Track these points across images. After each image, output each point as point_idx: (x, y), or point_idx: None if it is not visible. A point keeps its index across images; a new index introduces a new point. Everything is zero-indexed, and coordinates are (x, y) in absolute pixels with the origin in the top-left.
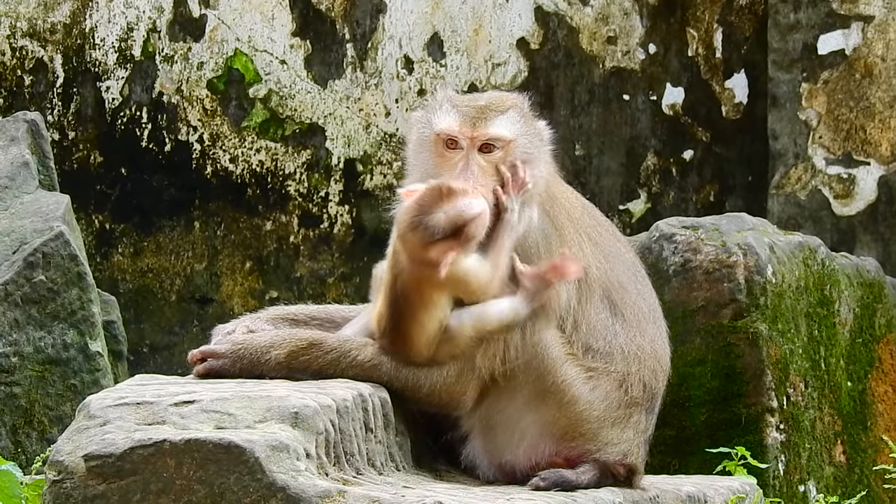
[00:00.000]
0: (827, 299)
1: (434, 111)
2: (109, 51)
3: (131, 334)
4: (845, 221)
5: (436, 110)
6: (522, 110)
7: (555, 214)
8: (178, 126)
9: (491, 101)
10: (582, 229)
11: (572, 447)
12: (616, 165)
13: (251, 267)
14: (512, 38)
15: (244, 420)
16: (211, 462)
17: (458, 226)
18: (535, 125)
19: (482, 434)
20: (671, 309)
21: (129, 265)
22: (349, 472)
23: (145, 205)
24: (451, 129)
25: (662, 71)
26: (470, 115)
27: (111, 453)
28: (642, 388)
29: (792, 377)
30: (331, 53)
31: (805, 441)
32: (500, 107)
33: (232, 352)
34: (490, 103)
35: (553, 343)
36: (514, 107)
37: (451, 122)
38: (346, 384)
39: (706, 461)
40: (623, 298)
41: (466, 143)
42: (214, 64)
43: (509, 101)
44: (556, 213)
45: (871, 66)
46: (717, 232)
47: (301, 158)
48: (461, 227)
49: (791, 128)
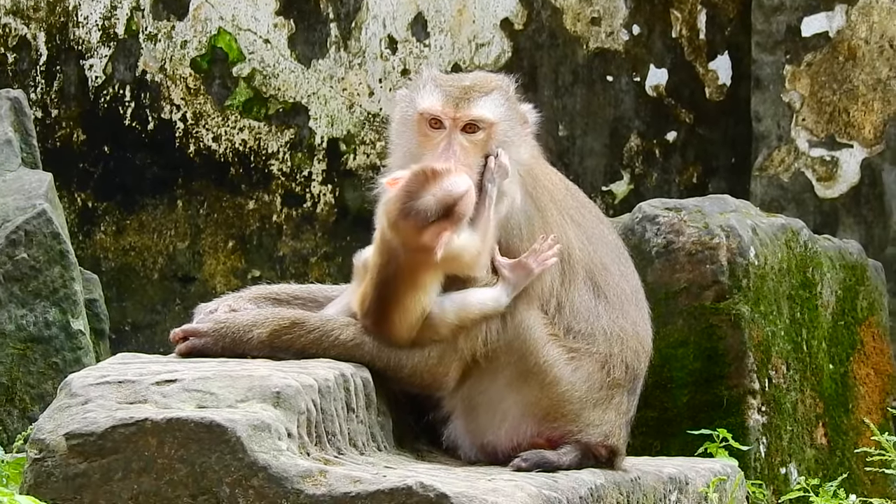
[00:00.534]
0: (809, 282)
1: (418, 91)
2: (93, 29)
3: (113, 313)
4: (828, 204)
5: (420, 90)
6: (507, 92)
7: (537, 196)
8: (162, 104)
9: (475, 81)
10: (565, 211)
11: (554, 428)
12: (599, 146)
13: (234, 246)
14: (496, 19)
15: (226, 399)
16: (192, 441)
17: (449, 205)
18: (518, 108)
19: (464, 415)
20: (654, 290)
21: (111, 243)
22: (330, 451)
23: (128, 183)
24: (434, 108)
25: (646, 52)
26: (453, 95)
27: (93, 432)
28: (624, 370)
29: (774, 359)
30: (314, 33)
31: (787, 423)
32: (485, 88)
33: (214, 330)
34: (474, 84)
35: (535, 324)
36: (499, 88)
37: (434, 101)
38: (328, 364)
39: (688, 443)
40: (606, 280)
41: (449, 123)
42: (198, 42)
43: (494, 83)
44: (538, 194)
45: (854, 48)
46: (699, 214)
47: (284, 138)
48: (451, 207)
49: (774, 110)
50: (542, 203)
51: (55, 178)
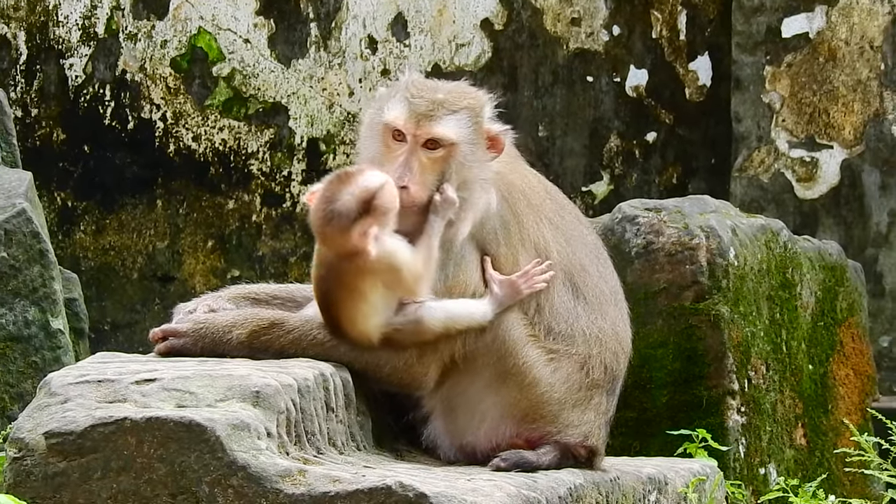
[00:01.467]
0: (789, 282)
1: (388, 99)
2: (73, 28)
3: (93, 312)
4: (808, 205)
5: (390, 98)
6: (476, 112)
7: (514, 201)
8: (142, 104)
9: (447, 97)
10: (542, 214)
11: (533, 429)
12: (579, 147)
13: (213, 245)
14: (476, 19)
15: (205, 399)
16: (172, 440)
17: (367, 199)
18: (489, 127)
19: (443, 415)
20: (633, 291)
21: (91, 243)
22: (310, 451)
23: (108, 182)
24: (397, 122)
25: (626, 53)
26: (419, 109)
27: (72, 431)
28: (603, 371)
29: (753, 360)
30: (294, 33)
31: (766, 424)
32: (454, 105)
33: (194, 331)
34: (445, 100)
35: (515, 325)
36: (470, 108)
37: (398, 114)
38: (307, 363)
39: (667, 443)
40: (585, 281)
41: (411, 138)
42: (178, 42)
43: (465, 101)
44: (514, 199)
45: (834, 49)
46: (679, 214)
47: (264, 137)
48: (369, 201)
49: (754, 111)
50: (518, 208)
51: (35, 177)
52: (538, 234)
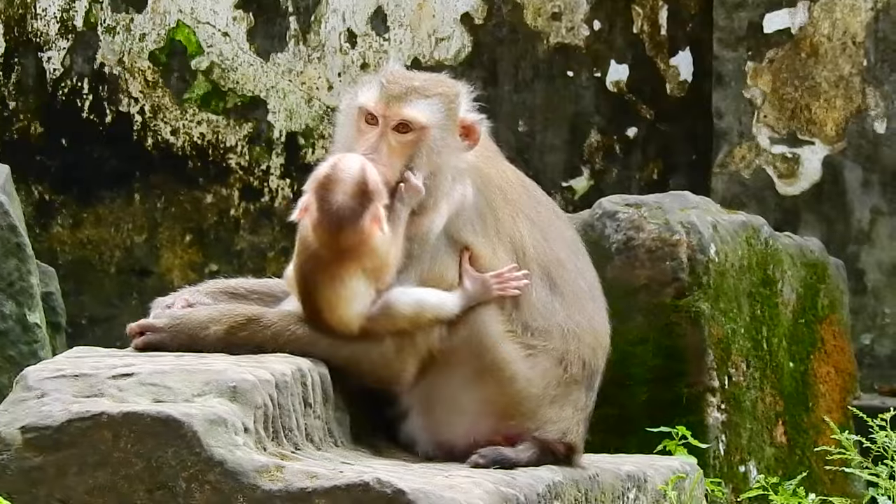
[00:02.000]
0: (770, 279)
1: (365, 84)
2: (51, 21)
3: (70, 306)
4: (789, 201)
5: (366, 84)
6: (451, 99)
7: (490, 195)
8: (120, 97)
9: (424, 83)
10: (519, 209)
11: (511, 425)
12: (559, 142)
13: (191, 240)
14: (456, 13)
15: (182, 393)
16: (149, 435)
17: (362, 190)
18: (462, 118)
19: (421, 411)
20: (613, 287)
21: (68, 236)
22: (287, 447)
23: (85, 176)
24: (368, 103)
25: (607, 48)
26: (392, 92)
27: (48, 425)
28: (581, 366)
29: (734, 357)
30: (274, 26)
31: (746, 421)
32: (428, 91)
33: (171, 326)
34: (420, 85)
35: (491, 320)
36: (444, 95)
37: (370, 96)
38: (285, 359)
39: (646, 440)
40: (562, 276)
41: (381, 120)
42: (157, 35)
43: (441, 88)
44: (491, 193)
45: (816, 45)
46: (659, 210)
47: (243, 131)
48: (364, 189)
49: (736, 106)
50: (494, 202)
51: (12, 170)
52: (514, 228)
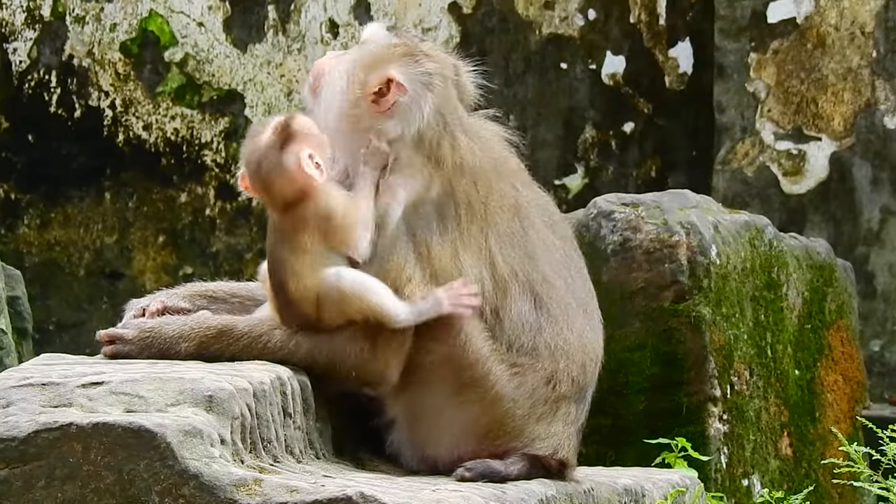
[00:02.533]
0: (774, 282)
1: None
2: (17, 10)
3: (37, 311)
4: (795, 200)
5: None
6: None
7: (461, 194)
8: (89, 91)
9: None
10: (495, 222)
11: (497, 445)
12: (552, 138)
13: (165, 241)
14: (443, 2)
15: (155, 403)
16: (120, 447)
17: (283, 129)
18: (454, 80)
19: (406, 424)
20: (609, 290)
21: (35, 237)
22: (266, 459)
23: (53, 174)
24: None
25: (602, 38)
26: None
27: (14, 437)
28: (571, 383)
29: (736, 364)
30: (251, 16)
31: (749, 432)
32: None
33: (140, 339)
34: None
35: (475, 336)
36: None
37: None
38: (263, 367)
39: (644, 452)
40: (548, 293)
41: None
42: (128, 25)
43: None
44: (465, 191)
45: (823, 35)
46: (658, 210)
47: (219, 126)
48: (287, 129)
49: (738, 100)
50: (463, 204)
51: None
52: (482, 241)
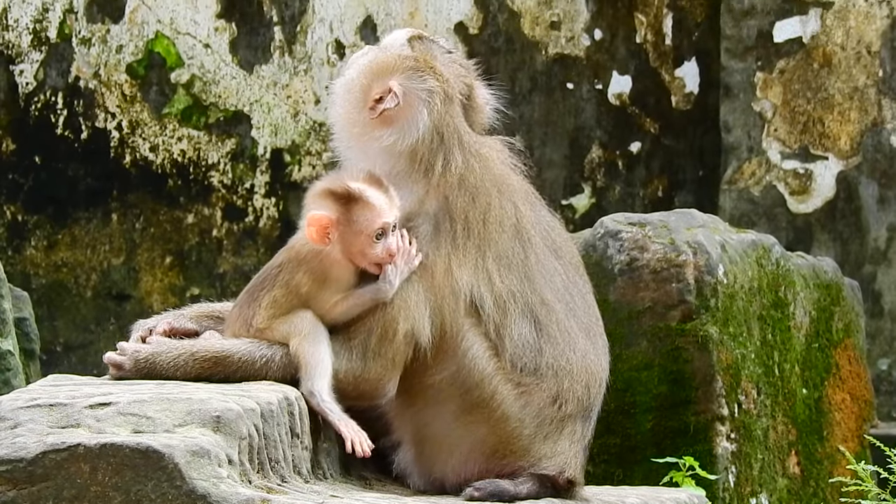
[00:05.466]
0: (781, 301)
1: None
2: (23, 32)
3: (44, 332)
4: (801, 219)
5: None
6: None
7: (458, 210)
8: (96, 112)
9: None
10: (493, 236)
11: (504, 465)
12: (559, 158)
13: (172, 262)
14: (449, 22)
15: (163, 424)
16: (128, 468)
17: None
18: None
19: (413, 444)
20: (616, 310)
21: (42, 259)
22: (273, 479)
23: (60, 195)
24: None
25: (609, 58)
26: None
27: (22, 458)
28: (576, 403)
29: (744, 383)
30: (257, 37)
31: (757, 451)
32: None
33: (136, 370)
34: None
35: (480, 357)
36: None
37: None
38: (271, 386)
39: (652, 471)
40: (547, 315)
41: None
42: (134, 47)
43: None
44: (462, 208)
45: (829, 54)
46: (665, 229)
47: (225, 148)
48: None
49: (745, 119)
50: (468, 225)
51: None
52: (478, 256)
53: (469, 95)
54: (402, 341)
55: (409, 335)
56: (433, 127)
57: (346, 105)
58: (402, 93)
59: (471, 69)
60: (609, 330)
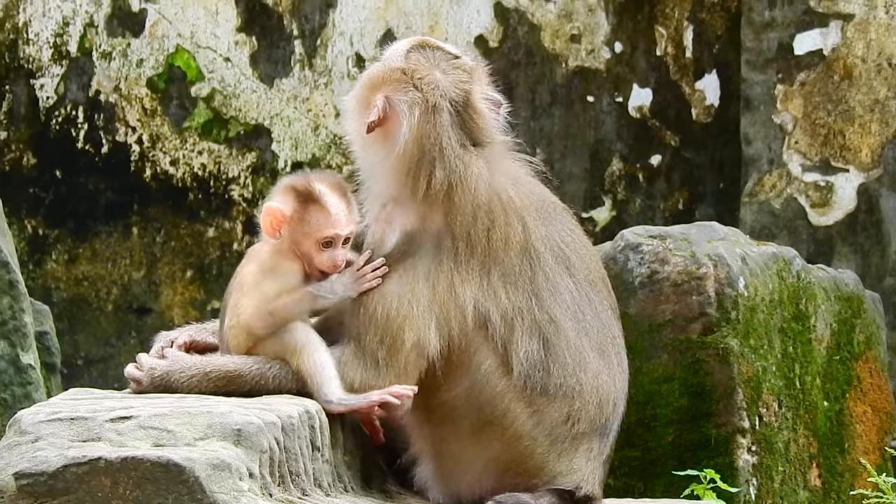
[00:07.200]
0: (802, 314)
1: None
2: (44, 46)
3: (65, 346)
4: (822, 231)
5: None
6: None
7: (459, 227)
8: (116, 126)
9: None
10: (498, 253)
11: (518, 482)
12: (579, 171)
13: (192, 276)
14: (470, 36)
15: (184, 437)
16: (148, 481)
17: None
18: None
19: (431, 459)
20: (637, 323)
21: (63, 273)
22: (294, 492)
23: (81, 209)
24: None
25: (629, 71)
26: None
27: (43, 471)
28: (589, 422)
29: (765, 396)
30: (278, 50)
31: (778, 464)
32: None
33: (153, 386)
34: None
35: (492, 375)
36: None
37: None
38: (291, 400)
39: (673, 484)
40: (556, 334)
41: None
42: (155, 61)
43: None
44: (463, 225)
45: (850, 67)
46: (685, 242)
47: (246, 161)
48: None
49: (765, 132)
50: (470, 242)
51: (4, 203)
52: (482, 273)
53: (466, 101)
54: (410, 351)
55: (417, 345)
56: (412, 140)
57: (350, 121)
58: (383, 106)
59: (476, 72)
60: (629, 343)
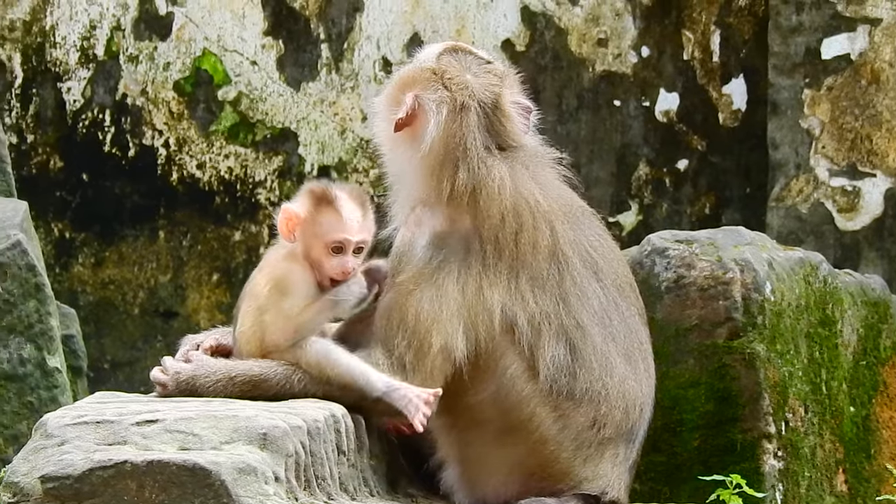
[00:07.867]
0: (829, 319)
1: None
2: (71, 50)
3: (91, 349)
4: (849, 237)
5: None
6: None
7: (487, 230)
8: (143, 130)
9: None
10: (526, 257)
11: (542, 487)
12: (606, 175)
13: (219, 279)
14: (497, 40)
15: (210, 441)
16: (174, 485)
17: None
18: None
19: (456, 464)
20: (663, 327)
21: (89, 276)
22: (320, 496)
23: (107, 213)
24: None
25: (656, 75)
26: None
27: (69, 475)
28: (615, 428)
29: (791, 401)
30: (305, 54)
31: (805, 469)
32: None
33: (178, 391)
34: None
35: (518, 379)
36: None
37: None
38: (317, 404)
39: (699, 489)
40: (582, 339)
41: None
42: (181, 64)
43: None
44: (491, 228)
45: (878, 71)
46: (712, 246)
47: (272, 165)
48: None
49: (792, 136)
50: (498, 245)
51: (31, 207)
52: (511, 276)
53: (495, 105)
54: (437, 355)
55: (445, 349)
56: (439, 139)
57: (379, 122)
58: (412, 104)
59: (506, 78)
60: (656, 348)
